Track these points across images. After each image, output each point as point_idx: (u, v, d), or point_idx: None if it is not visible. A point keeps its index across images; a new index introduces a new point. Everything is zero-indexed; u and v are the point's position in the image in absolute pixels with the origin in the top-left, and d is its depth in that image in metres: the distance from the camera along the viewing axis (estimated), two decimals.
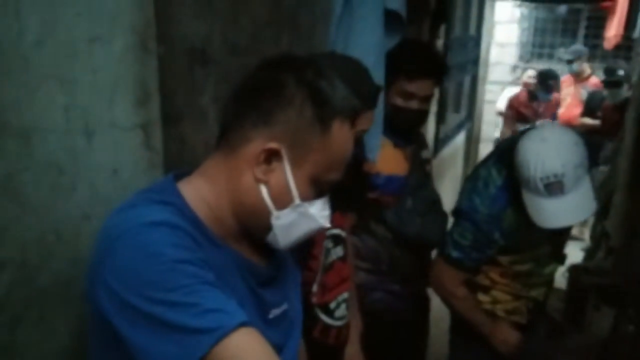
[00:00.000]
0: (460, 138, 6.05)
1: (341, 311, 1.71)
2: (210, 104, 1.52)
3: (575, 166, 1.73)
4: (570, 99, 6.47)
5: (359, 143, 1.59)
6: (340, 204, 1.76)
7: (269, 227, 1.00)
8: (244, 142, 0.96)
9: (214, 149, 1.02)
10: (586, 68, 6.43)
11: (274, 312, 1.07)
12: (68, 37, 1.03)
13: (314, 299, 1.62)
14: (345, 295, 1.73)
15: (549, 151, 1.73)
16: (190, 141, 1.45)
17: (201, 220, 0.96)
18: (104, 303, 0.86)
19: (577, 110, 6.24)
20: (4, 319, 0.97)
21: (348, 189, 1.86)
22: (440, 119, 4.62)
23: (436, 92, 4.24)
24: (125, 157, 1.18)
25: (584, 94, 6.26)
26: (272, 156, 0.96)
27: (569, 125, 5.42)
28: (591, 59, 7.74)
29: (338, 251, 1.71)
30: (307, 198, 1.00)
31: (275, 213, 0.98)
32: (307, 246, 1.55)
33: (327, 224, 1.05)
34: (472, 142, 6.69)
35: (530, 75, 6.73)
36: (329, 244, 1.66)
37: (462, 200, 2.04)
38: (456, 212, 2.08)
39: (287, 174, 0.97)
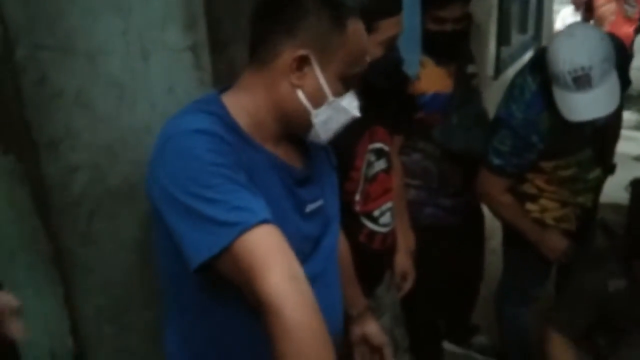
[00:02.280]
0: (527, 59, 5.91)
1: (385, 218, 1.83)
2: None
3: (602, 60, 1.79)
4: (614, 17, 6.12)
5: (393, 48, 1.67)
6: (388, 125, 1.88)
7: (310, 125, 1.14)
8: (275, 56, 1.10)
9: (247, 64, 1.16)
10: None
11: (310, 207, 1.21)
12: None
13: (358, 207, 1.74)
14: (389, 204, 1.85)
15: (577, 45, 1.82)
16: (238, 64, 1.58)
17: (241, 127, 1.10)
18: (157, 196, 1.04)
19: (627, 27, 5.91)
20: (83, 212, 1.17)
21: (396, 111, 1.98)
22: (502, 39, 4.56)
23: (494, 12, 4.23)
24: (178, 77, 1.33)
25: (628, 9, 5.97)
26: (302, 62, 1.09)
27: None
28: None
29: (381, 164, 1.81)
30: (337, 94, 1.13)
31: (313, 112, 1.12)
32: (349, 158, 1.67)
33: (358, 114, 1.18)
34: None
35: None
36: (371, 157, 1.76)
37: (500, 108, 2.12)
38: (495, 121, 2.16)
39: (318, 75, 1.10)
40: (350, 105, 1.16)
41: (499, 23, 4.36)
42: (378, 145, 1.79)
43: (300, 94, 1.11)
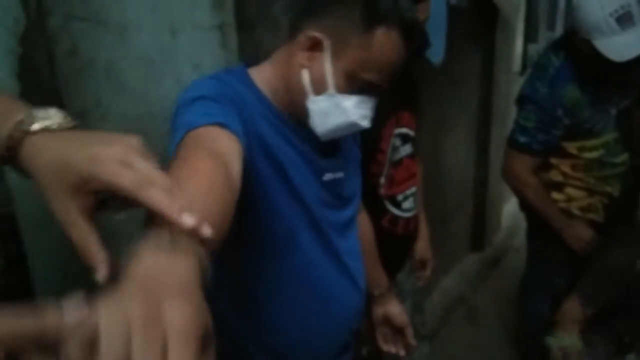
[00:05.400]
0: None
1: (408, 204, 1.84)
2: (281, 14, 1.67)
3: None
4: None
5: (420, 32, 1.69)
6: (414, 110, 1.90)
7: (307, 109, 1.12)
8: (299, 32, 1.11)
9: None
10: None
11: (328, 176, 1.23)
12: None
13: (382, 191, 1.75)
14: (413, 189, 1.86)
15: None
16: (264, 46, 1.61)
17: (264, 96, 1.14)
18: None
19: None
20: None
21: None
22: (530, 36, 4.53)
23: (522, 9, 4.21)
24: (205, 54, 1.36)
25: None
26: (315, 45, 1.09)
27: None
28: None
29: (407, 149, 1.82)
30: (342, 90, 1.10)
31: (311, 97, 1.11)
32: (375, 140, 1.69)
33: (363, 123, 1.14)
34: None
35: None
36: (397, 141, 1.77)
37: (524, 87, 2.14)
38: (519, 99, 2.18)
39: (326, 64, 1.09)
40: (354, 109, 1.11)
41: (526, 20, 4.34)
42: (404, 130, 1.81)
43: (305, 75, 1.11)
